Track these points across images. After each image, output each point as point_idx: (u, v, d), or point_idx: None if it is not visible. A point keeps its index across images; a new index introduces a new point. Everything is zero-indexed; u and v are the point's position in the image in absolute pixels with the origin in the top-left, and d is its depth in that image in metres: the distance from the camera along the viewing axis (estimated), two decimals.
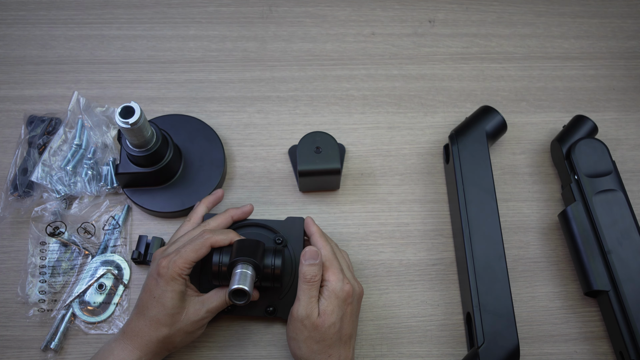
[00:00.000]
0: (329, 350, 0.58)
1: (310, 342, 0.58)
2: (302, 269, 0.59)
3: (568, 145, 0.73)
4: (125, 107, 0.61)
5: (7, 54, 0.83)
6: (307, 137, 0.71)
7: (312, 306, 0.58)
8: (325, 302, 0.59)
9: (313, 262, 0.59)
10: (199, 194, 0.72)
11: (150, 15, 0.86)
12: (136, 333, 0.58)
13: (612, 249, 0.66)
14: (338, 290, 0.59)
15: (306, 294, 0.59)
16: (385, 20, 0.87)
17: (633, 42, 0.86)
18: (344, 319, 0.59)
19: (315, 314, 0.58)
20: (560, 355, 0.67)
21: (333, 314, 0.58)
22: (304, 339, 0.58)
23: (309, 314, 0.58)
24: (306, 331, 0.58)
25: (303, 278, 0.59)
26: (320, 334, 0.58)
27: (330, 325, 0.58)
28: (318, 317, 0.58)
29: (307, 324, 0.58)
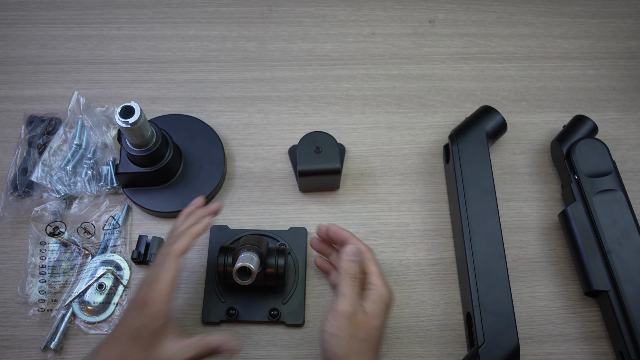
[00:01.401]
0: (367, 353, 0.56)
1: (353, 341, 0.55)
2: (345, 265, 0.58)
3: (568, 145, 0.73)
4: (125, 107, 0.61)
5: (7, 53, 0.83)
6: (307, 137, 0.71)
7: (357, 303, 0.57)
8: (374, 305, 0.57)
9: (355, 258, 0.59)
10: (199, 194, 0.72)
11: (150, 15, 0.86)
12: None
13: (612, 248, 0.66)
14: (385, 295, 0.58)
15: (352, 290, 0.57)
16: (385, 20, 0.87)
17: (633, 42, 0.86)
18: (385, 323, 0.58)
19: (361, 312, 0.56)
20: (561, 355, 0.67)
21: (379, 318, 0.57)
22: (348, 336, 0.55)
23: (356, 311, 0.56)
24: (352, 328, 0.55)
25: (347, 274, 0.58)
26: (365, 334, 0.56)
27: (376, 327, 0.56)
28: (366, 316, 0.56)
29: (354, 321, 0.55)
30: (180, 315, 0.68)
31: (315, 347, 0.67)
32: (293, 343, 0.67)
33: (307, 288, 0.69)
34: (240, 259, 0.59)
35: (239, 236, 0.70)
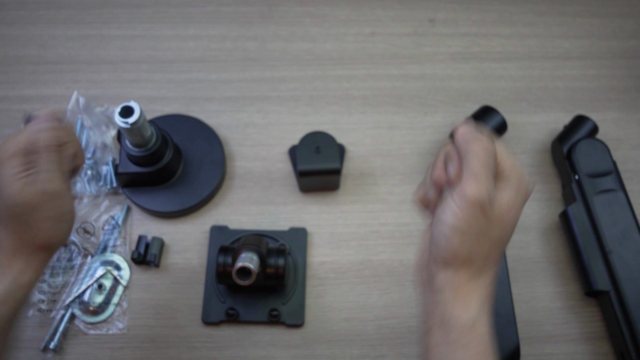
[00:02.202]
0: (495, 258, 0.45)
1: (483, 240, 0.43)
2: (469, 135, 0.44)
3: (569, 145, 0.73)
4: (124, 107, 0.61)
5: (6, 53, 0.83)
6: (307, 137, 0.71)
7: (492, 189, 0.43)
8: (513, 195, 0.43)
9: (480, 135, 0.44)
10: (199, 194, 0.72)
11: (149, 15, 0.86)
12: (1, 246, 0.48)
13: (612, 249, 0.66)
14: (526, 184, 0.44)
15: (487, 169, 0.42)
16: (385, 20, 0.87)
17: (634, 42, 0.86)
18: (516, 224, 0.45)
19: (500, 201, 0.43)
20: (561, 356, 0.67)
21: (518, 211, 0.44)
22: (480, 233, 0.42)
23: (493, 198, 0.42)
24: (485, 224, 0.42)
25: (478, 145, 0.43)
26: (500, 232, 0.43)
27: (513, 223, 0.44)
28: (506, 208, 0.43)
29: (489, 214, 0.42)
30: (180, 315, 0.68)
31: (315, 347, 0.67)
32: (293, 343, 0.67)
33: (307, 288, 0.69)
34: (240, 259, 0.59)
35: (238, 236, 0.70)
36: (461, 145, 0.43)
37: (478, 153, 0.42)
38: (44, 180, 0.46)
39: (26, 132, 0.47)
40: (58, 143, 0.48)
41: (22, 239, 0.47)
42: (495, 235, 0.43)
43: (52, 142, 0.47)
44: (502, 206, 0.43)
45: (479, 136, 0.43)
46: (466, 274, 0.43)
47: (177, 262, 0.71)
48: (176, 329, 0.68)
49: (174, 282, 0.70)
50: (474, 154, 0.42)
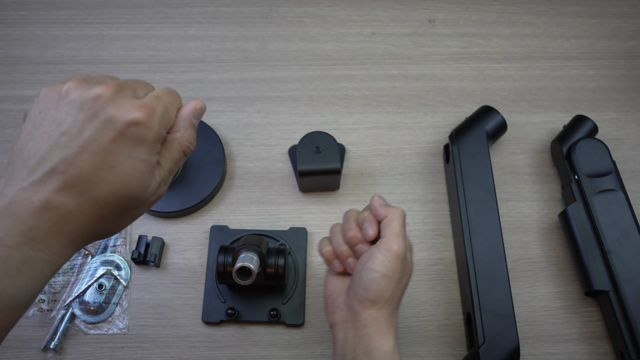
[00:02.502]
0: (399, 300, 0.55)
1: (400, 285, 0.53)
2: (386, 208, 0.54)
3: (568, 145, 0.73)
4: None
5: (6, 53, 0.83)
6: (307, 137, 0.71)
7: (407, 245, 0.54)
8: (409, 255, 0.55)
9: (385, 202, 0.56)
10: (199, 194, 0.72)
11: (150, 15, 0.86)
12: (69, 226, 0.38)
13: (612, 248, 0.66)
14: (408, 249, 0.55)
15: (403, 230, 0.53)
16: (385, 20, 0.87)
17: (633, 42, 0.86)
18: None
19: (408, 255, 0.54)
20: (561, 355, 0.67)
21: (412, 267, 0.57)
22: (398, 279, 0.52)
23: (405, 254, 0.53)
24: (400, 272, 0.52)
25: (396, 213, 0.54)
26: (407, 278, 0.55)
27: (409, 277, 0.55)
28: (408, 263, 0.54)
29: (405, 265, 0.53)
30: (180, 315, 0.68)
31: (315, 347, 0.67)
32: (293, 343, 0.67)
33: (307, 288, 0.69)
34: (240, 259, 0.59)
35: (238, 236, 0.70)
36: (379, 210, 0.54)
37: (397, 217, 0.53)
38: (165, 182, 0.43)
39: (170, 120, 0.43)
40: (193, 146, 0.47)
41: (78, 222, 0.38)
42: (404, 281, 0.54)
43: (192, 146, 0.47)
44: (408, 264, 0.54)
45: (392, 206, 0.55)
46: (387, 312, 0.52)
47: (177, 262, 0.71)
48: (176, 329, 0.68)
49: (174, 282, 0.70)
50: (394, 217, 0.53)
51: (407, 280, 0.55)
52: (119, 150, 0.38)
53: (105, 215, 0.38)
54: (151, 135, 0.39)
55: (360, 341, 0.52)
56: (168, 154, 0.42)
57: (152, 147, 0.39)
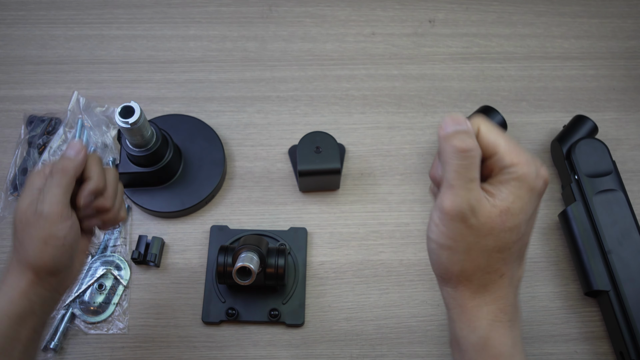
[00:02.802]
0: (503, 267, 0.40)
1: (476, 252, 0.39)
2: (449, 142, 0.38)
3: (568, 145, 0.73)
4: (125, 107, 0.61)
5: (6, 53, 0.83)
6: (307, 137, 0.71)
7: (475, 195, 0.38)
8: (510, 195, 0.38)
9: (460, 127, 0.38)
10: (199, 194, 0.72)
11: (150, 15, 0.86)
12: (14, 248, 0.49)
13: (612, 248, 0.66)
14: (533, 179, 0.39)
15: (461, 176, 0.38)
16: (385, 20, 0.87)
17: (633, 42, 0.86)
18: (532, 219, 0.41)
19: (487, 207, 0.38)
20: (561, 355, 0.67)
21: (522, 213, 0.39)
22: (468, 246, 0.39)
23: (475, 208, 0.38)
24: (472, 235, 0.38)
25: (454, 153, 0.38)
26: (496, 240, 0.39)
27: (513, 227, 0.39)
28: (496, 213, 0.38)
29: (474, 223, 0.38)
30: (181, 315, 0.68)
31: (315, 347, 0.67)
32: (293, 343, 0.67)
33: (307, 288, 0.69)
34: (240, 259, 0.59)
35: (238, 236, 0.70)
36: (440, 145, 0.39)
37: (452, 158, 0.38)
38: (40, 200, 0.47)
39: (52, 163, 0.49)
40: (72, 172, 0.48)
41: (17, 254, 0.48)
42: (490, 245, 0.39)
43: (62, 168, 0.48)
44: (494, 212, 0.38)
45: (456, 134, 0.38)
46: (467, 290, 0.40)
47: (177, 262, 0.71)
48: (176, 329, 0.68)
49: (174, 282, 0.70)
50: (448, 158, 0.39)
51: (494, 242, 0.39)
52: None
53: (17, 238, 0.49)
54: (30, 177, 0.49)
55: (450, 324, 0.42)
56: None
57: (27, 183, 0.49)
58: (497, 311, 0.40)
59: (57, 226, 0.47)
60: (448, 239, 0.39)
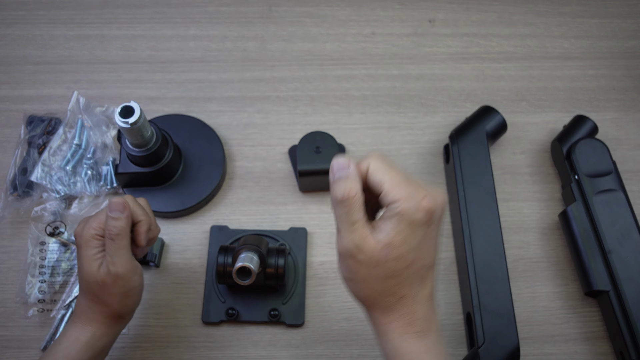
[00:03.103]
0: (400, 291, 0.44)
1: (372, 281, 0.44)
2: (332, 188, 0.44)
3: (568, 145, 0.73)
4: (125, 107, 0.61)
5: (6, 53, 0.83)
6: (307, 137, 0.71)
7: (358, 234, 0.43)
8: (392, 230, 0.42)
9: (343, 173, 0.43)
10: (199, 194, 0.72)
11: (150, 15, 0.86)
12: (80, 309, 0.56)
13: (612, 249, 0.66)
14: (412, 212, 0.42)
15: (345, 220, 0.43)
16: (385, 20, 0.87)
17: (633, 42, 0.86)
18: (421, 247, 0.43)
19: (370, 243, 0.42)
20: (561, 355, 0.67)
21: (404, 245, 0.42)
22: (363, 277, 0.44)
23: (359, 245, 0.42)
24: (363, 268, 0.43)
25: (335, 200, 0.43)
26: (384, 270, 0.43)
27: (398, 258, 0.42)
28: (379, 248, 0.42)
29: (361, 258, 0.43)
30: (180, 315, 0.68)
31: (315, 347, 0.67)
32: (293, 343, 0.67)
33: (307, 288, 0.69)
34: (240, 259, 0.59)
35: (238, 236, 0.70)
36: (332, 186, 0.44)
37: (335, 206, 0.44)
38: (111, 263, 0.53)
39: (99, 219, 0.54)
40: (127, 231, 0.54)
41: (96, 308, 0.55)
42: (381, 274, 0.43)
43: (119, 231, 0.53)
44: (377, 247, 0.42)
45: (336, 182, 0.43)
46: (376, 312, 0.45)
47: (177, 262, 0.71)
48: (176, 329, 0.68)
49: (174, 282, 0.70)
50: (333, 206, 0.44)
51: (384, 271, 0.43)
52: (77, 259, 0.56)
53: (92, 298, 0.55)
54: (82, 240, 0.54)
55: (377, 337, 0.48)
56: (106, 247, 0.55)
57: (86, 246, 0.54)
58: (405, 325, 0.45)
59: (132, 279, 0.55)
60: (348, 273, 0.45)
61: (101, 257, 0.54)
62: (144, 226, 0.56)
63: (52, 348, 0.55)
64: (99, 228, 0.54)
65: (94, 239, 0.54)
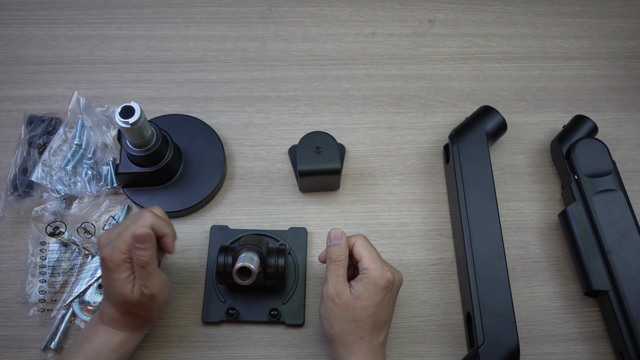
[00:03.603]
0: (361, 332, 0.58)
1: (342, 321, 0.58)
2: (328, 250, 0.61)
3: (568, 145, 0.73)
4: (125, 107, 0.61)
5: (7, 54, 0.83)
6: (307, 137, 0.71)
7: (340, 285, 0.59)
8: (362, 288, 0.59)
9: (337, 242, 0.61)
10: (199, 194, 0.72)
11: (150, 15, 0.86)
12: (110, 318, 0.59)
13: (612, 248, 0.66)
14: (378, 278, 0.59)
15: (333, 274, 0.60)
16: (385, 20, 0.87)
17: (633, 42, 0.86)
18: (381, 305, 0.59)
19: (346, 293, 0.59)
20: (560, 355, 0.67)
21: (368, 299, 0.58)
22: (336, 317, 0.59)
23: (339, 293, 0.59)
24: (338, 310, 0.59)
25: (329, 259, 0.60)
26: (352, 315, 0.58)
27: (363, 307, 0.58)
28: (351, 297, 0.58)
29: (338, 302, 0.58)
30: (181, 315, 0.68)
31: (315, 347, 0.67)
32: (293, 343, 0.67)
33: (307, 288, 0.70)
34: (240, 259, 0.59)
35: (239, 236, 0.70)
36: (328, 247, 0.61)
37: (328, 263, 0.61)
38: (144, 287, 0.57)
39: (125, 242, 0.57)
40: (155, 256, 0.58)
41: (128, 319, 0.59)
42: (349, 317, 0.58)
43: (148, 259, 0.57)
44: (350, 297, 0.58)
45: (332, 247, 0.61)
46: (340, 347, 0.59)
47: (177, 262, 0.71)
48: (176, 328, 0.68)
49: (174, 282, 0.70)
50: (327, 262, 0.61)
51: (351, 315, 0.58)
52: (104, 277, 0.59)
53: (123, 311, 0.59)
54: (112, 264, 0.56)
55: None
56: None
57: (117, 270, 0.57)
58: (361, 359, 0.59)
59: (164, 294, 0.60)
60: (325, 312, 0.60)
61: (133, 279, 0.57)
62: (171, 237, 0.60)
63: (81, 346, 0.58)
64: (127, 251, 0.57)
65: (124, 262, 0.57)
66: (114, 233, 0.58)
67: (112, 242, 0.57)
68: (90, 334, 0.59)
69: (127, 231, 0.57)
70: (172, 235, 0.60)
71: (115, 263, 0.56)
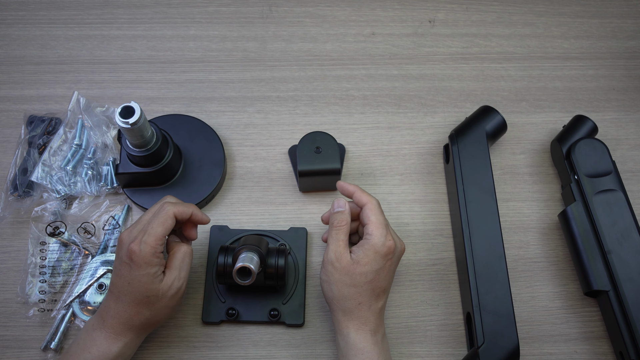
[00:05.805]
0: (359, 298, 0.59)
1: (341, 285, 0.59)
2: (331, 217, 0.63)
3: (568, 145, 0.73)
4: (125, 107, 0.61)
5: (7, 54, 0.83)
6: (307, 137, 0.71)
7: (340, 250, 0.60)
8: (362, 254, 0.59)
9: (340, 209, 0.63)
10: (199, 194, 0.72)
11: (150, 15, 0.86)
12: (117, 319, 0.58)
13: (612, 249, 0.66)
14: (379, 246, 0.59)
15: (334, 238, 0.61)
16: (385, 20, 0.87)
17: (633, 42, 0.86)
18: (380, 272, 0.59)
19: (346, 258, 0.59)
20: (560, 355, 0.67)
21: (368, 265, 0.59)
22: (335, 281, 0.59)
23: (339, 257, 0.59)
24: (337, 274, 0.59)
25: (331, 225, 0.62)
26: (351, 279, 0.59)
27: (362, 273, 0.59)
28: (351, 262, 0.59)
29: (337, 266, 0.59)
30: (181, 315, 0.68)
31: (315, 347, 0.67)
32: (293, 343, 0.67)
33: (307, 288, 0.70)
34: (240, 259, 0.59)
35: (239, 236, 0.70)
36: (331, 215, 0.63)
37: (330, 228, 0.62)
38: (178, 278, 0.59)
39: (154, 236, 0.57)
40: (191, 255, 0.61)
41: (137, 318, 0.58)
42: (347, 281, 0.59)
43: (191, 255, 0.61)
44: (350, 262, 0.59)
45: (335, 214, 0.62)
46: (339, 312, 0.60)
47: None
48: (176, 328, 0.68)
49: None
50: (329, 227, 0.62)
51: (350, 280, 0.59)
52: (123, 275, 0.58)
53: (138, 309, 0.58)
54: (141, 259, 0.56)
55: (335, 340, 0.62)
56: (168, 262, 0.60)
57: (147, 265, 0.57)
58: (360, 324, 0.59)
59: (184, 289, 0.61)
60: (325, 276, 0.61)
61: (161, 273, 0.58)
62: (198, 211, 0.62)
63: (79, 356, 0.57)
64: (157, 245, 0.57)
65: (155, 257, 0.57)
66: (136, 229, 0.58)
67: (137, 237, 0.57)
68: (88, 343, 0.58)
69: (151, 225, 0.57)
70: (197, 210, 0.62)
71: (145, 258, 0.56)
